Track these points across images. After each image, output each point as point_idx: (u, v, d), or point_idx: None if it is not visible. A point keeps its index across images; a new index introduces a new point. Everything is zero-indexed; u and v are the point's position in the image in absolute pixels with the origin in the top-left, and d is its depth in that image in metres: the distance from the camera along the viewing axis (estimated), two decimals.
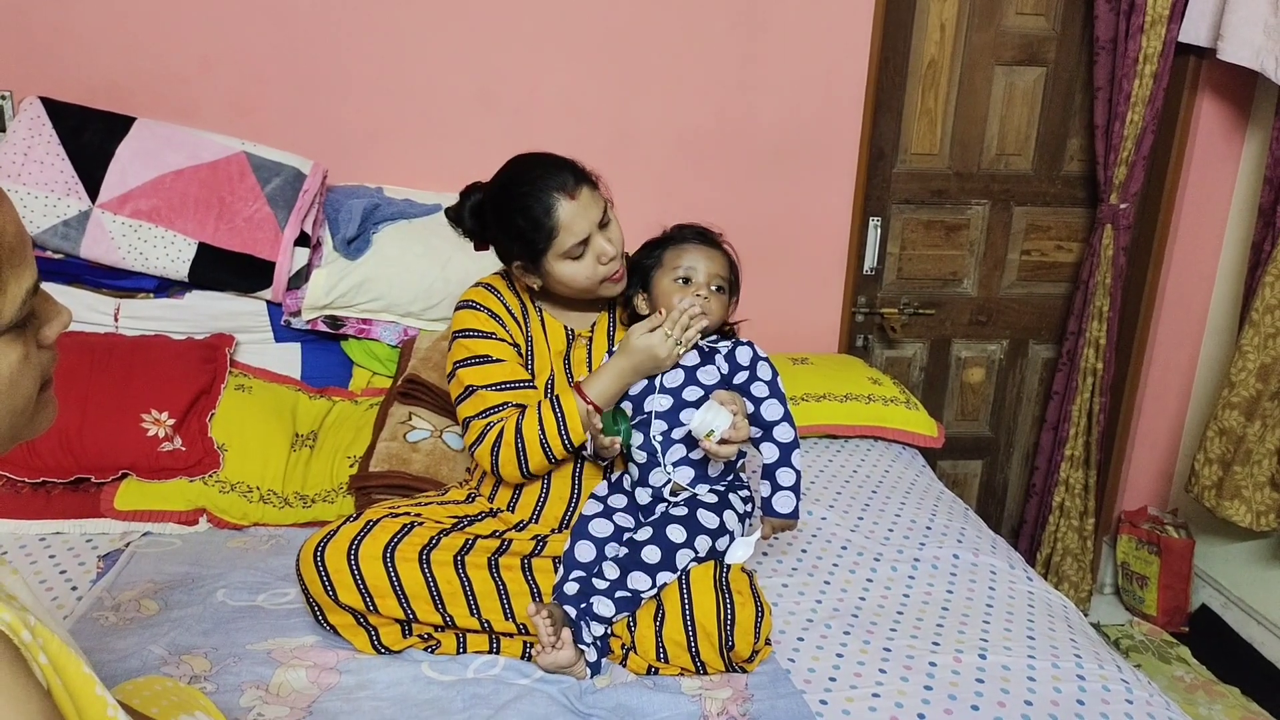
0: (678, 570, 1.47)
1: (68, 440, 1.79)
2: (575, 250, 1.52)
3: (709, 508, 1.52)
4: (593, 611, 1.42)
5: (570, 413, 1.52)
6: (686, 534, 1.48)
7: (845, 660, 1.49)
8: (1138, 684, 1.46)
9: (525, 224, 1.51)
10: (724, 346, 1.60)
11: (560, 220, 1.50)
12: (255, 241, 2.09)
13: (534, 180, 1.51)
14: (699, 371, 1.57)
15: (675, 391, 1.56)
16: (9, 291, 0.72)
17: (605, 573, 1.45)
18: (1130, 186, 2.63)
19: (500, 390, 1.57)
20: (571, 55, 2.37)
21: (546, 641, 1.38)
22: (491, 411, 1.56)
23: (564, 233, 1.50)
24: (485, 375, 1.58)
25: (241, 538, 1.79)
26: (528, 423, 1.53)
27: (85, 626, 1.46)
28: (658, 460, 1.55)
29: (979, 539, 1.90)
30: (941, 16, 2.57)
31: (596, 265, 1.54)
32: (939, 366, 2.89)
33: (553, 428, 1.52)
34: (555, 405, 1.53)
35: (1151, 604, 2.84)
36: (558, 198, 1.49)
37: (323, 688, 1.36)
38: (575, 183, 1.51)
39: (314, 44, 2.25)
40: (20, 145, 2.04)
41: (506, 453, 1.53)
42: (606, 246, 1.54)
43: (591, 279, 1.55)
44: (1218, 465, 2.54)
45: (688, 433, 1.52)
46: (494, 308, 1.63)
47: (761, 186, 2.54)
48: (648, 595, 1.45)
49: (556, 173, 1.52)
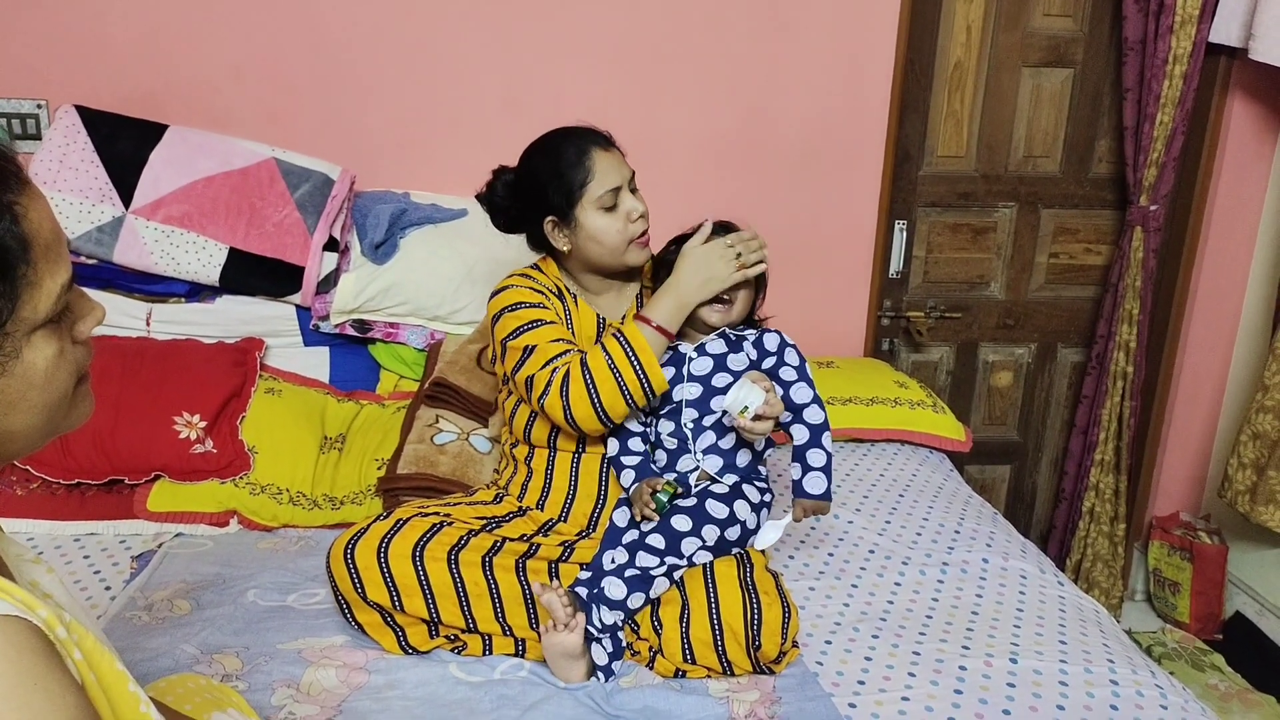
0: (684, 556, 1.47)
1: (101, 442, 1.82)
2: (608, 199, 1.57)
3: (718, 498, 1.53)
4: (605, 595, 1.42)
5: (636, 339, 1.51)
6: (692, 524, 1.49)
7: (874, 663, 1.48)
8: (1172, 690, 1.44)
9: (561, 172, 1.57)
10: (751, 334, 1.62)
11: (595, 166, 1.56)
12: (285, 246, 2.11)
13: (569, 135, 1.60)
14: (728, 359, 1.59)
15: (705, 379, 1.58)
16: (45, 287, 0.74)
17: (614, 555, 1.46)
18: (1160, 188, 2.60)
19: (561, 344, 1.56)
20: (596, 60, 2.38)
21: (561, 617, 1.38)
22: (556, 359, 1.54)
23: (599, 177, 1.56)
24: (541, 335, 1.57)
25: (271, 539, 1.80)
26: (593, 356, 1.52)
27: (119, 626, 1.48)
28: (688, 447, 1.57)
29: (1009, 543, 1.88)
30: (968, 18, 2.56)
31: (627, 223, 1.58)
32: (966, 370, 2.87)
33: (621, 356, 1.50)
34: (620, 337, 1.52)
35: (1184, 611, 2.80)
36: (592, 147, 1.58)
37: (352, 687, 1.37)
38: (607, 142, 1.61)
39: (342, 53, 2.28)
40: (56, 153, 2.07)
41: (576, 390, 1.50)
42: (636, 204, 1.59)
43: (622, 235, 1.58)
44: (1251, 470, 2.50)
45: (717, 420, 1.55)
46: (535, 284, 1.66)
47: (787, 189, 2.54)
48: (657, 572, 1.45)
49: (589, 132, 1.61)
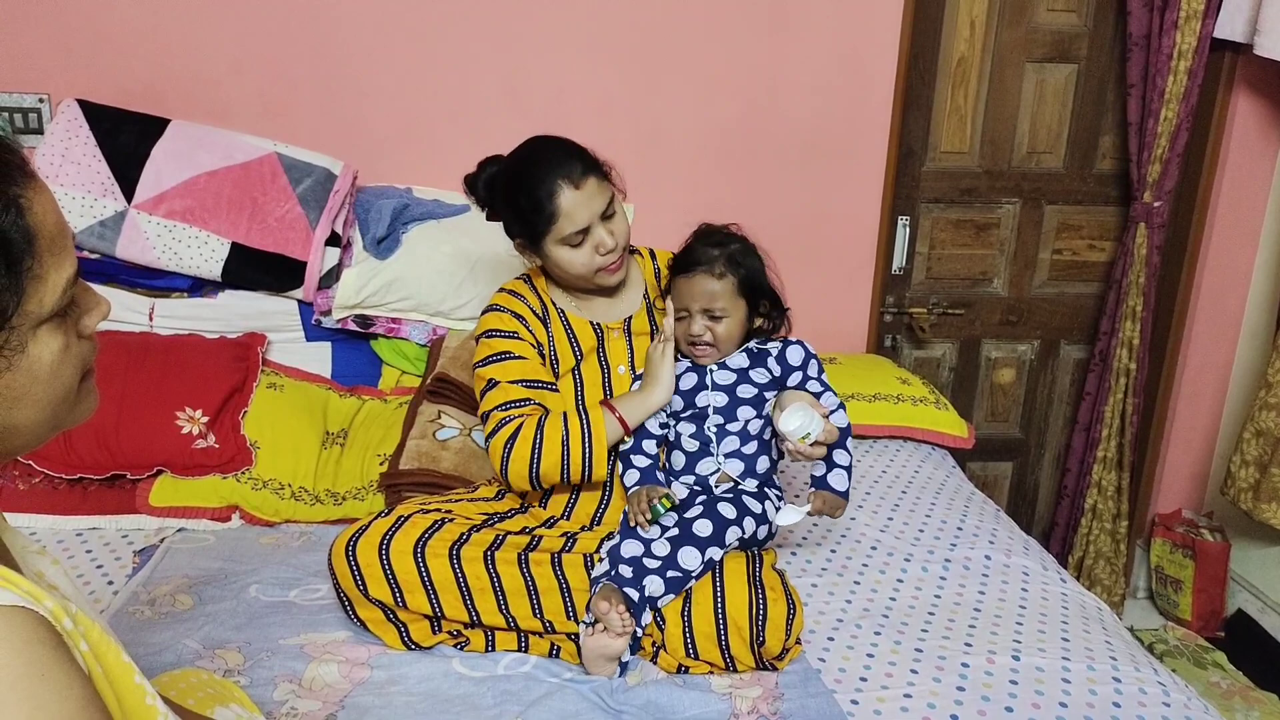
0: (725, 547, 1.48)
1: (104, 437, 1.82)
2: (574, 238, 1.55)
3: (752, 495, 1.56)
4: (647, 594, 1.42)
5: (597, 426, 1.53)
6: (736, 512, 1.51)
7: (876, 660, 1.48)
8: (1175, 687, 1.44)
9: (528, 205, 1.54)
10: (774, 348, 1.60)
11: (561, 207, 1.52)
12: (287, 241, 2.11)
13: (542, 164, 1.54)
14: (751, 372, 1.59)
15: (729, 389, 1.58)
16: (50, 281, 0.73)
17: (655, 551, 1.45)
18: (1164, 184, 2.59)
19: (523, 386, 1.58)
20: (599, 55, 2.37)
21: (619, 629, 1.37)
22: (513, 405, 1.57)
23: (564, 219, 1.53)
24: (507, 371, 1.60)
25: (273, 534, 1.80)
26: (551, 423, 1.54)
27: (121, 620, 1.48)
28: (710, 450, 1.58)
29: (1011, 540, 1.88)
30: (971, 13, 2.55)
31: (594, 255, 1.56)
32: (969, 367, 2.86)
33: (577, 433, 1.53)
34: (583, 416, 1.55)
35: (1186, 608, 2.79)
36: (562, 185, 1.52)
37: (354, 682, 1.37)
38: (583, 172, 1.53)
39: (344, 47, 2.27)
40: (58, 147, 2.07)
41: (521, 448, 1.52)
42: (606, 238, 1.55)
43: (588, 267, 1.57)
44: (1254, 467, 2.50)
45: (743, 427, 1.57)
46: (517, 309, 1.65)
47: (790, 185, 2.54)
48: (696, 574, 1.45)
49: (565, 160, 1.54)
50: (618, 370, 1.65)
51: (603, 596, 1.38)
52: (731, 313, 1.55)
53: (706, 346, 1.56)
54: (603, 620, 1.37)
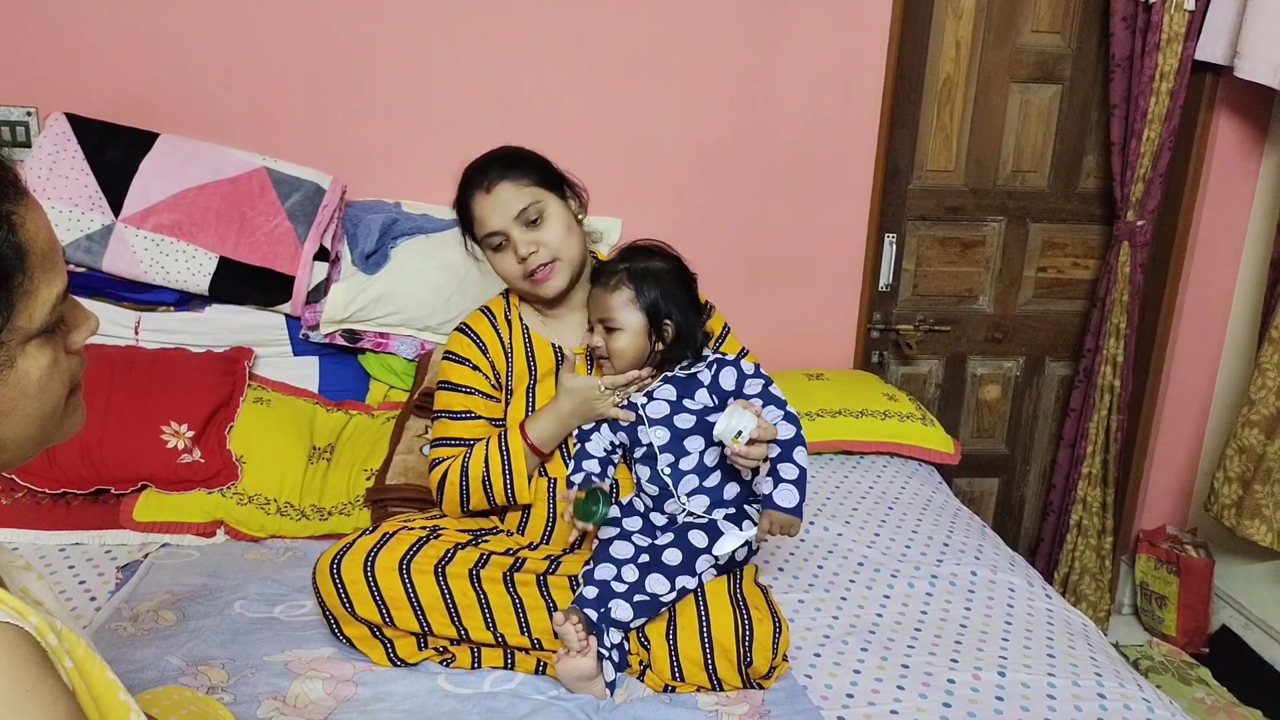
0: (696, 574, 1.46)
1: (88, 451, 1.81)
2: (493, 241, 1.59)
3: (728, 517, 1.54)
4: (611, 616, 1.41)
5: (515, 451, 1.55)
6: (708, 540, 1.48)
7: (862, 677, 1.48)
8: (1159, 703, 1.45)
9: (459, 210, 1.63)
10: (704, 375, 1.55)
11: (475, 213, 1.59)
12: (275, 256, 2.11)
13: (469, 170, 1.62)
14: (684, 401, 1.55)
15: (667, 421, 1.55)
16: (40, 296, 0.73)
17: (624, 575, 1.45)
18: (1147, 204, 2.62)
19: (459, 420, 1.62)
20: (588, 70, 2.39)
21: (576, 646, 1.37)
22: (445, 443, 1.61)
23: (478, 224, 1.60)
24: (448, 402, 1.64)
25: (259, 550, 1.80)
26: (474, 459, 1.57)
27: (104, 637, 1.46)
28: (670, 492, 1.55)
29: (997, 556, 1.88)
30: (957, 34, 2.58)
31: (515, 261, 1.58)
32: (955, 383, 2.88)
33: (497, 465, 1.55)
34: (501, 442, 1.56)
35: (1171, 624, 2.81)
36: (474, 192, 1.59)
37: (339, 699, 1.36)
38: (496, 177, 1.57)
39: (333, 61, 2.28)
40: (46, 160, 2.07)
41: (450, 492, 1.58)
42: (521, 246, 1.57)
43: (515, 275, 1.60)
44: (1237, 484, 2.52)
45: (699, 461, 1.53)
46: (482, 333, 1.67)
47: (777, 202, 2.55)
48: (666, 600, 1.44)
49: (487, 166, 1.59)
50: None
51: (563, 614, 1.39)
52: (625, 327, 1.53)
53: (604, 360, 1.57)
54: (559, 634, 1.38)
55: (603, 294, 1.55)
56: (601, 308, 1.54)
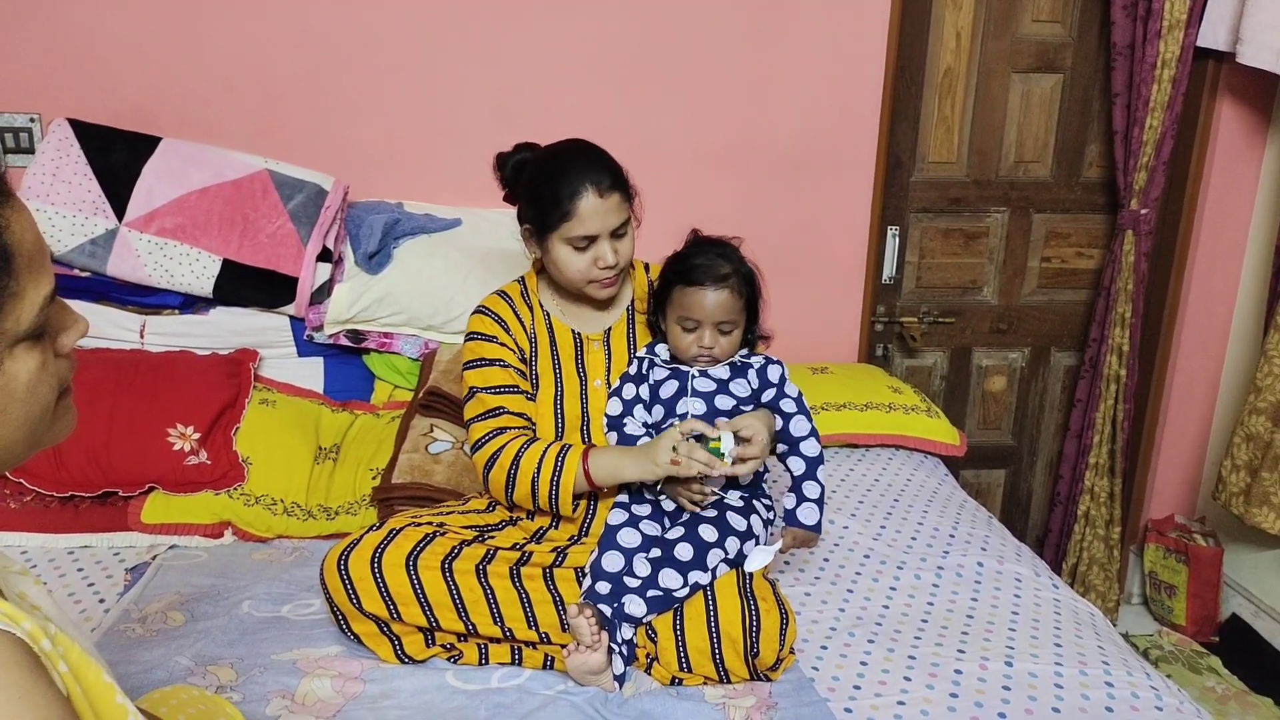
0: (708, 569, 1.47)
1: (95, 455, 1.82)
2: (579, 242, 1.56)
3: (737, 511, 1.55)
4: (624, 612, 1.42)
5: (569, 470, 1.52)
6: (718, 534, 1.50)
7: (869, 668, 1.48)
8: (1167, 691, 1.44)
9: (548, 196, 1.55)
10: (756, 362, 1.61)
11: (579, 209, 1.54)
12: (278, 258, 2.11)
13: (577, 162, 1.56)
14: (731, 384, 1.59)
15: (709, 397, 1.58)
16: (28, 298, 0.74)
17: (636, 570, 1.46)
18: (1151, 192, 2.61)
19: (498, 394, 1.60)
20: (589, 70, 2.39)
21: (588, 641, 1.37)
22: (489, 415, 1.58)
23: (576, 221, 1.54)
24: (485, 378, 1.61)
25: (266, 550, 1.80)
26: (529, 455, 1.54)
27: (112, 639, 1.47)
28: None
29: (1004, 547, 1.88)
30: (957, 25, 2.58)
31: (593, 266, 1.57)
32: (960, 375, 2.87)
33: (547, 473, 1.53)
34: (560, 456, 1.54)
35: (1180, 613, 2.80)
36: (588, 188, 1.54)
37: (348, 696, 1.37)
38: (611, 185, 1.56)
39: (333, 63, 2.29)
40: (49, 166, 2.08)
41: (498, 475, 1.56)
42: (609, 255, 1.57)
43: (582, 275, 1.58)
44: (1245, 471, 2.51)
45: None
46: (501, 313, 1.66)
47: (780, 197, 2.55)
48: (680, 595, 1.45)
49: (599, 168, 1.56)
50: (594, 384, 1.65)
51: (577, 607, 1.40)
52: (738, 327, 1.58)
53: (702, 356, 1.58)
54: (572, 627, 1.39)
55: (725, 297, 1.55)
56: (723, 310, 1.55)
